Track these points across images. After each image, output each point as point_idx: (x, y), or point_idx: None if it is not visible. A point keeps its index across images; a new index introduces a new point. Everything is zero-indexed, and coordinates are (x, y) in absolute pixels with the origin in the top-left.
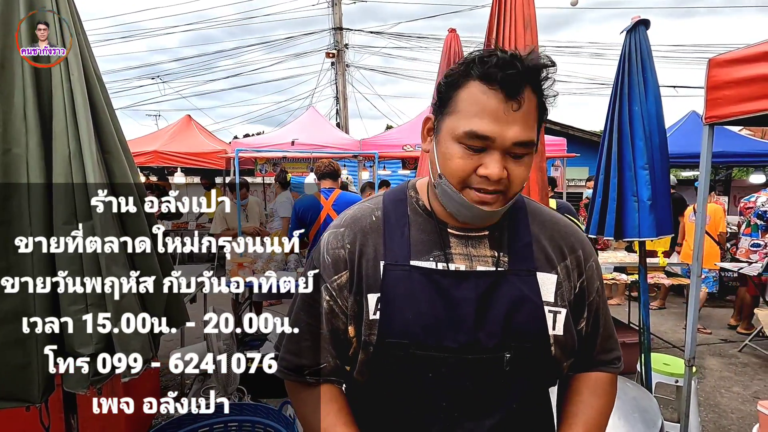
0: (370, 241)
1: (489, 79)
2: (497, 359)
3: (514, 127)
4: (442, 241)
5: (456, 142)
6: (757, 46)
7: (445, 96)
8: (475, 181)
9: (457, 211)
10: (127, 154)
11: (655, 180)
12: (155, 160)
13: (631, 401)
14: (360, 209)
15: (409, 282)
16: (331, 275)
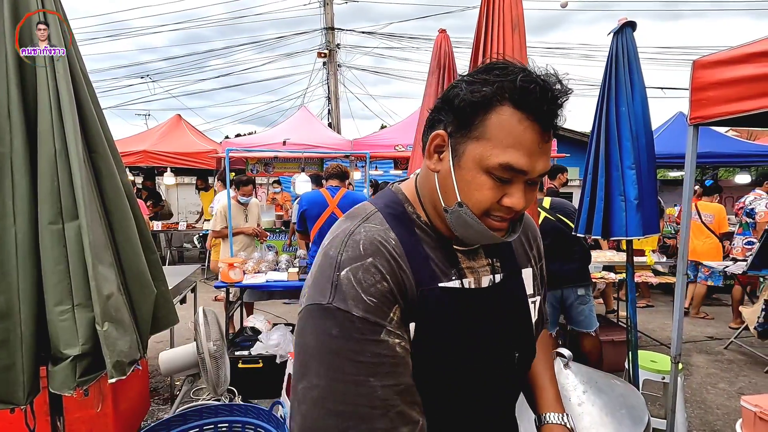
0: (401, 266)
1: (529, 110)
2: (511, 360)
3: (543, 159)
4: (453, 258)
5: (485, 172)
6: (740, 48)
7: (470, 116)
8: (496, 209)
9: (469, 236)
10: (114, 153)
11: (641, 180)
12: (144, 160)
13: (618, 398)
14: (371, 232)
15: (442, 304)
16: (387, 314)
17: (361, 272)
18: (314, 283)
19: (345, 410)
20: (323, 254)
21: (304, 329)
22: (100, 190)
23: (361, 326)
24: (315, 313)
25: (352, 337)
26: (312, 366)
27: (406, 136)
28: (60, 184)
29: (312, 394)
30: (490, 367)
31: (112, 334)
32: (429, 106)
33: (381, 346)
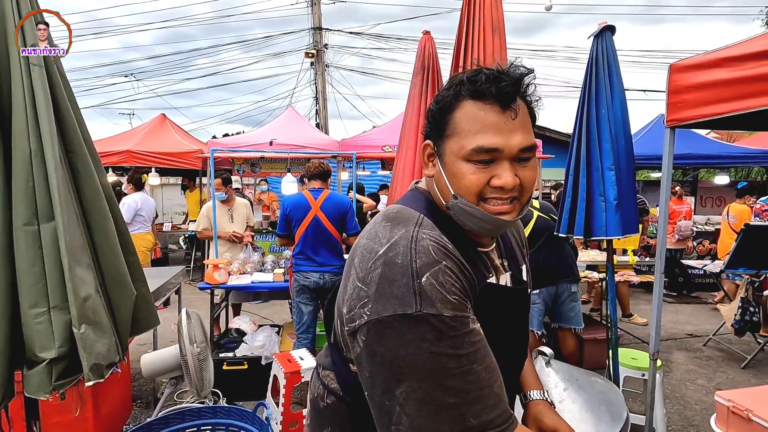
0: (465, 265)
1: (482, 95)
2: (522, 349)
3: (516, 134)
4: (480, 258)
5: (464, 161)
6: (715, 53)
7: (440, 120)
8: (490, 193)
9: (479, 226)
10: (92, 152)
11: (621, 181)
12: (128, 160)
13: (598, 395)
14: (434, 237)
15: (491, 299)
16: (467, 306)
17: (441, 275)
18: (386, 293)
19: (456, 401)
20: (387, 263)
21: (383, 341)
22: (78, 190)
23: (454, 324)
24: (399, 324)
25: (449, 335)
26: (407, 374)
27: (394, 136)
28: (35, 184)
29: (416, 395)
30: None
31: (90, 336)
32: (413, 107)
33: (473, 335)
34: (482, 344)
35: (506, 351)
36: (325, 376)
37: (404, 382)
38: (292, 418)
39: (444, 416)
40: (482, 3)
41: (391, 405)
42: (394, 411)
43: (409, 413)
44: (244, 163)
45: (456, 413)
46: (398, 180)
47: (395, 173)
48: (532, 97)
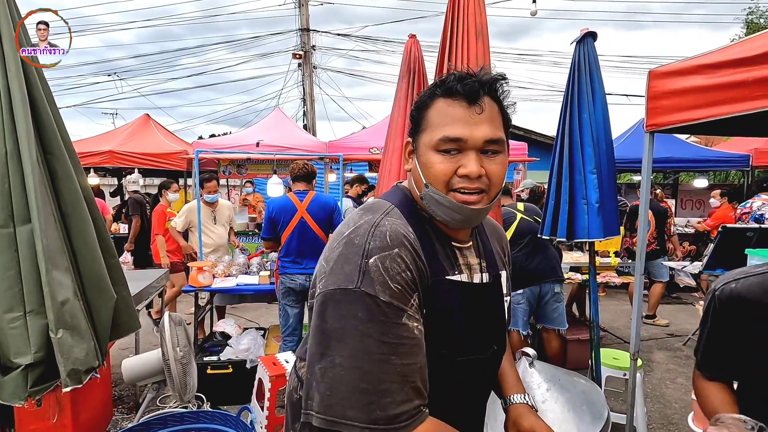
0: (420, 257)
1: (451, 93)
2: (495, 353)
3: (481, 127)
4: (453, 254)
5: (434, 151)
6: (692, 60)
7: (417, 117)
8: (457, 182)
9: (448, 215)
10: (71, 154)
11: (602, 184)
12: (110, 161)
13: (579, 395)
14: (394, 226)
15: (449, 295)
16: (408, 300)
17: (389, 261)
18: (337, 269)
19: (368, 387)
20: (346, 243)
21: (325, 312)
22: (56, 192)
23: (387, 310)
24: (339, 297)
25: (378, 319)
26: (333, 347)
27: (381, 138)
28: (11, 186)
29: (333, 372)
30: (477, 357)
31: (67, 341)
32: (399, 110)
33: (403, 329)
34: (412, 342)
35: (473, 346)
36: (300, 367)
37: (327, 356)
38: (277, 422)
39: (353, 401)
40: (466, 8)
41: (310, 380)
42: (311, 386)
43: (321, 392)
44: (230, 165)
45: (365, 400)
46: (384, 181)
47: (381, 175)
48: (503, 97)
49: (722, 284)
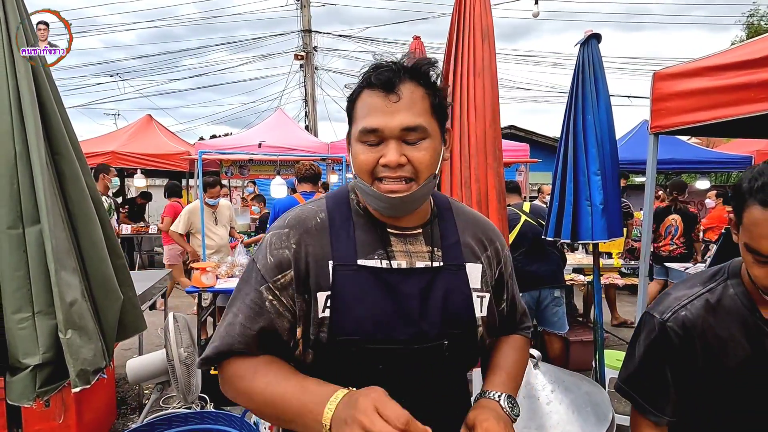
0: (316, 241)
1: (370, 84)
2: (438, 347)
3: (397, 115)
4: (384, 240)
5: (358, 143)
6: (697, 62)
7: (349, 110)
8: (380, 172)
9: (375, 204)
10: (79, 155)
11: (606, 185)
12: (113, 161)
13: (584, 396)
14: (304, 210)
15: (358, 280)
16: (275, 274)
17: (275, 237)
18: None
19: (219, 331)
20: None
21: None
22: (64, 193)
23: (255, 275)
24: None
25: (246, 280)
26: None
27: None
28: (20, 187)
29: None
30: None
31: (76, 341)
32: None
33: (256, 295)
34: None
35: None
36: None
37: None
38: None
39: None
40: (472, 10)
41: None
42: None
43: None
44: (232, 165)
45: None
46: None
47: None
48: (430, 83)
49: (671, 313)
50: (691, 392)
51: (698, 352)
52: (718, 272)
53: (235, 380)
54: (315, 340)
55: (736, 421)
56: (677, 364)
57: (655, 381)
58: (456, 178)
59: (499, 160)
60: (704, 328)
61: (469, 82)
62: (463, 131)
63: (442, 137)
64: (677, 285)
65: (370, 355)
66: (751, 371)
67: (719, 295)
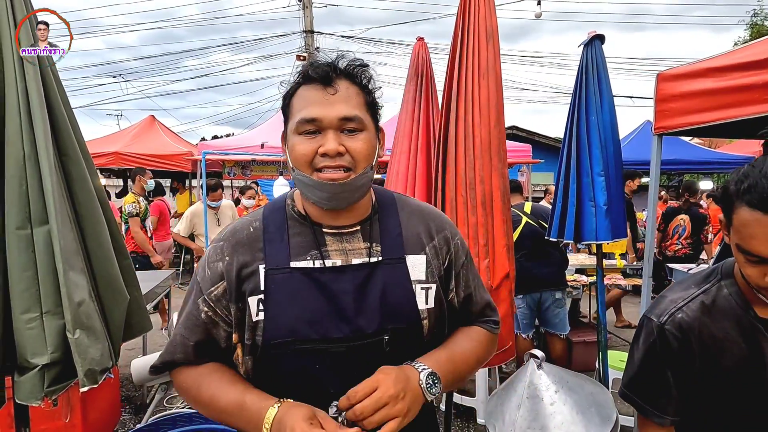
0: (248, 249)
1: (307, 79)
2: (377, 342)
3: (336, 106)
4: (318, 241)
5: (296, 134)
6: (701, 63)
7: (285, 108)
8: (320, 162)
9: (315, 195)
10: (86, 156)
11: (610, 186)
12: (116, 162)
13: (588, 396)
14: (239, 222)
15: (291, 282)
16: (209, 286)
17: (212, 251)
18: None
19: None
20: None
21: None
22: (71, 194)
23: (195, 288)
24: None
25: (190, 292)
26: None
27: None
28: (29, 188)
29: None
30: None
31: (84, 341)
32: (407, 113)
33: (194, 307)
34: (194, 321)
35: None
36: None
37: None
38: None
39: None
40: (477, 11)
41: None
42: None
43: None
44: (234, 166)
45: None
46: (392, 184)
47: (389, 177)
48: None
49: (668, 316)
50: (691, 393)
51: (696, 354)
52: (711, 273)
53: (183, 392)
54: (251, 345)
55: (736, 419)
56: (676, 366)
57: (655, 383)
58: (461, 179)
59: (504, 161)
60: (701, 330)
61: (474, 82)
62: (467, 132)
63: (377, 134)
64: (673, 287)
65: (306, 354)
66: (747, 370)
67: (714, 296)
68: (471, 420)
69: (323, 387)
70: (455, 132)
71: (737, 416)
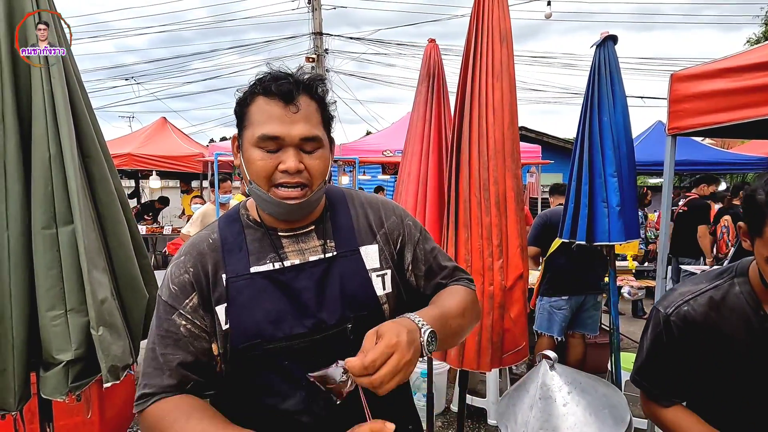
0: (210, 260)
1: (268, 93)
2: (341, 332)
3: (297, 125)
4: (275, 245)
5: (255, 148)
6: (715, 63)
7: (240, 113)
8: (279, 178)
9: (271, 209)
10: (107, 157)
11: (623, 187)
12: (129, 163)
13: (601, 398)
14: (197, 236)
15: (252, 287)
16: (182, 300)
17: (174, 267)
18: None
19: (143, 369)
20: None
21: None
22: (93, 194)
23: (163, 308)
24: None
25: (158, 315)
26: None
27: (394, 141)
28: (54, 188)
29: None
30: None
31: (107, 338)
32: (419, 114)
33: (170, 323)
34: (175, 336)
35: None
36: None
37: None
38: None
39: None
40: (491, 13)
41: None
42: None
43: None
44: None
45: (141, 374)
46: (403, 185)
47: (400, 178)
48: (323, 97)
49: (674, 308)
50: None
51: (699, 346)
52: (725, 270)
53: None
54: (223, 353)
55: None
56: (680, 356)
57: (661, 371)
58: (474, 180)
59: (518, 162)
60: (706, 324)
61: (488, 84)
62: (481, 133)
63: (331, 147)
64: (685, 281)
65: (274, 353)
66: (751, 368)
67: (724, 293)
68: (482, 421)
69: (296, 382)
70: (469, 133)
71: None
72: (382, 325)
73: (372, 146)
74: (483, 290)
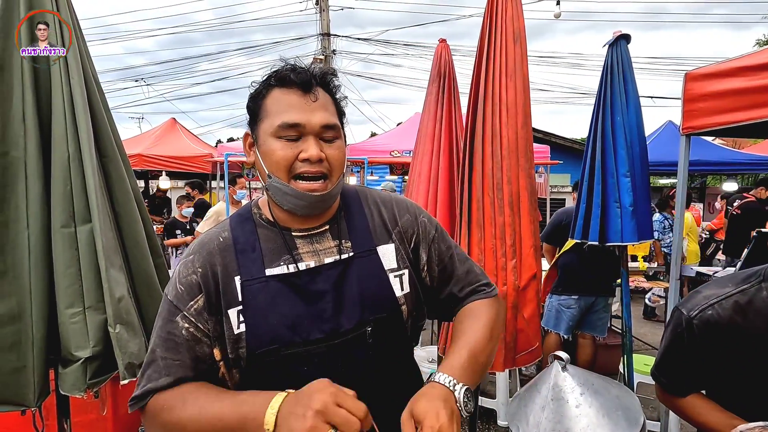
0: (221, 260)
1: (286, 82)
2: (360, 336)
3: (317, 113)
4: (288, 245)
5: (275, 138)
6: (730, 62)
7: (254, 108)
8: (299, 167)
9: (292, 203)
10: (123, 158)
11: (636, 187)
12: (139, 164)
13: (614, 399)
14: (206, 235)
15: (268, 291)
16: (187, 302)
17: (182, 266)
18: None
19: (143, 369)
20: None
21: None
22: (110, 194)
23: (168, 308)
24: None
25: (162, 315)
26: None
27: (401, 142)
28: (73, 187)
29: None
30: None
31: (124, 336)
32: (430, 114)
33: (173, 326)
34: (176, 339)
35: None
36: None
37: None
38: None
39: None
40: (504, 13)
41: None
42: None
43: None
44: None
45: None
46: (414, 185)
47: (411, 178)
48: (335, 91)
49: (698, 311)
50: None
51: (721, 348)
52: (753, 274)
53: (163, 413)
54: (235, 358)
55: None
56: (701, 357)
57: (680, 369)
58: (488, 179)
59: (531, 162)
60: (731, 328)
61: (501, 83)
62: (495, 133)
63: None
64: (710, 283)
65: (292, 359)
66: None
67: (751, 297)
68: (492, 422)
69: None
70: (482, 132)
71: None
72: (416, 404)
73: (380, 146)
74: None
